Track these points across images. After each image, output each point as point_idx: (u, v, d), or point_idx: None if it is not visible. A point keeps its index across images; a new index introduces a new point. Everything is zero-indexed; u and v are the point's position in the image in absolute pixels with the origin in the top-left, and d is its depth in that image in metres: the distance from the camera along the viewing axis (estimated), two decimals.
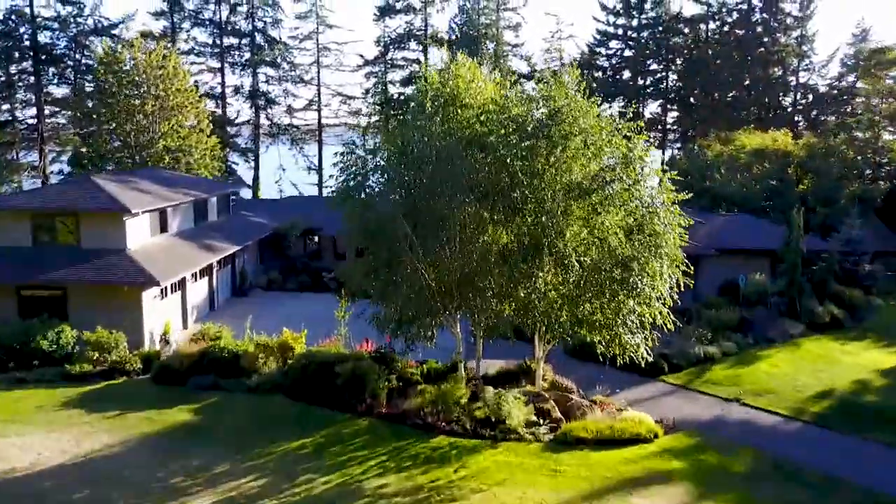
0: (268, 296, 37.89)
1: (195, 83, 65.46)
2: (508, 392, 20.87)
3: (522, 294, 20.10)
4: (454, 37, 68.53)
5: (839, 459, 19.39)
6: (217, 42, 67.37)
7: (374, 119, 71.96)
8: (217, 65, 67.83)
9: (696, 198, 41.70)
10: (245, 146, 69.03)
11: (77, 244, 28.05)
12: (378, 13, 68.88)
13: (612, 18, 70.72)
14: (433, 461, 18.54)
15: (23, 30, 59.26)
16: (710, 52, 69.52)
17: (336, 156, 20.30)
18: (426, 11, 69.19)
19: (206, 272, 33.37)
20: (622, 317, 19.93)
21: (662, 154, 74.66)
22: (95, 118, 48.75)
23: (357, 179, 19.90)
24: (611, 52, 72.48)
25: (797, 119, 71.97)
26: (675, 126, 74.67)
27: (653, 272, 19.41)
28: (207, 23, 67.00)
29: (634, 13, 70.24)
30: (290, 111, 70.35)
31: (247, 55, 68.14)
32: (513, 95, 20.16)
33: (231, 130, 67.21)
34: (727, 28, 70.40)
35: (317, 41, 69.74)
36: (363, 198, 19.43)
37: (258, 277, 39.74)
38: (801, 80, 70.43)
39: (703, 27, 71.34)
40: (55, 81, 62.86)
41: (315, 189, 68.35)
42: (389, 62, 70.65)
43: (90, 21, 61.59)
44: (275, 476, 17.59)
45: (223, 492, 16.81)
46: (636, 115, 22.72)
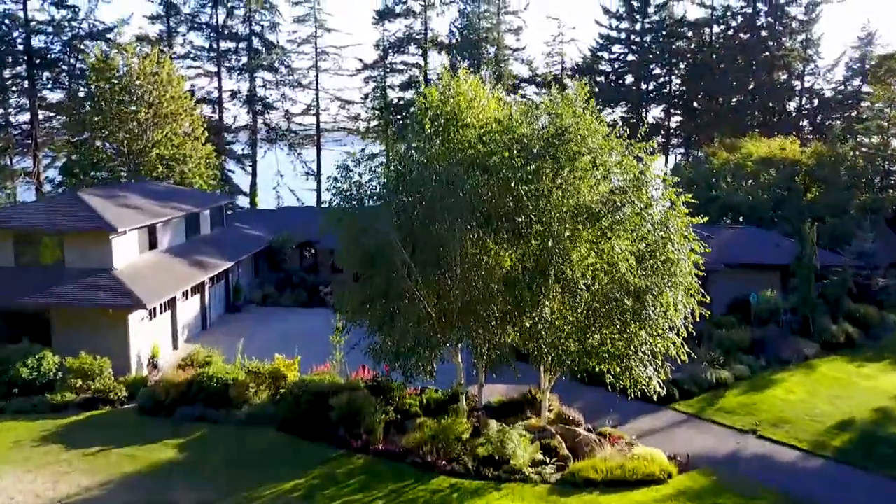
0: (262, 312, 36.73)
1: (191, 88, 64.39)
2: (513, 429, 19.71)
3: (528, 324, 18.95)
4: (454, 41, 67.49)
5: (865, 500, 18.27)
6: (214, 46, 66.12)
7: (374, 124, 71.01)
8: (214, 69, 66.54)
9: (703, 207, 40.48)
10: (242, 152, 67.82)
11: (61, 264, 26.90)
12: (377, 17, 67.80)
13: (615, 22, 69.54)
14: None
15: (16, 34, 58.02)
16: (714, 57, 68.35)
17: (329, 180, 19.16)
18: (426, 15, 68.07)
19: (198, 289, 32.16)
20: (633, 348, 18.79)
21: (665, 159, 73.60)
22: (88, 125, 47.54)
23: (352, 204, 18.66)
24: (613, 57, 71.30)
25: (802, 124, 70.96)
26: (679, 130, 73.46)
27: (666, 303, 18.27)
28: (204, 27, 65.72)
29: (637, 17, 68.98)
30: (288, 116, 69.23)
31: (244, 59, 66.90)
32: (517, 115, 18.91)
33: (228, 137, 65.97)
34: (731, 32, 69.31)
35: (315, 45, 68.60)
36: (358, 222, 18.19)
37: (253, 292, 38.54)
38: (807, 85, 69.38)
39: (707, 31, 70.15)
40: (49, 86, 61.77)
41: (313, 195, 67.25)
42: (389, 66, 69.59)
43: (85, 25, 60.49)
44: None
45: None
46: (644, 135, 21.53)
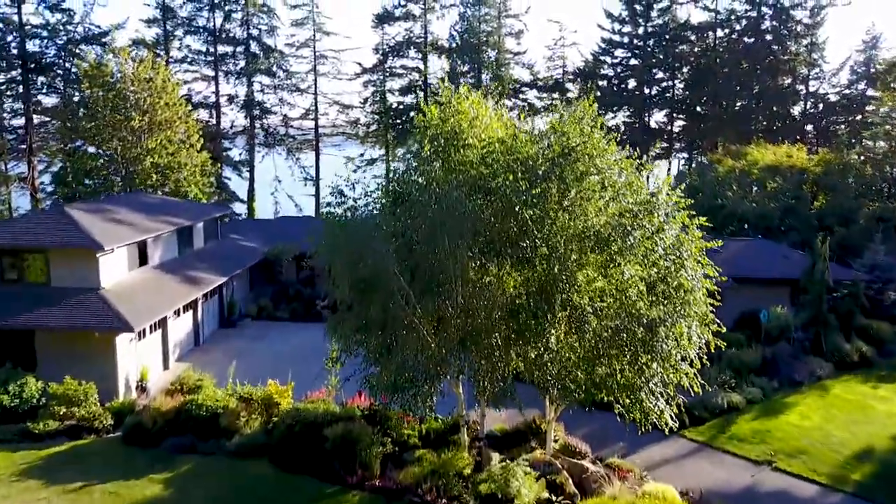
0: (258, 326, 35.73)
1: (188, 92, 63.51)
2: (517, 465, 18.65)
3: (533, 354, 17.95)
4: (455, 45, 66.54)
5: None
6: (211, 50, 65.15)
7: (373, 129, 70.08)
8: (211, 73, 65.58)
9: (709, 216, 39.44)
10: (240, 157, 66.83)
11: (47, 283, 25.89)
12: (376, 20, 66.87)
13: (618, 26, 68.57)
14: None
15: (11, 38, 57.03)
16: (718, 61, 67.40)
17: (323, 213, 18.17)
18: (426, 19, 67.13)
19: (191, 305, 31.14)
20: (645, 379, 17.80)
21: (668, 164, 72.62)
22: (80, 131, 46.49)
23: (346, 229, 17.55)
24: (616, 61, 70.29)
25: (807, 128, 70.00)
26: (682, 135, 72.44)
27: (680, 334, 17.27)
28: (201, 30, 64.75)
29: (640, 21, 67.99)
30: (286, 121, 68.25)
31: (241, 63, 65.88)
32: (521, 135, 17.88)
33: (225, 143, 64.93)
34: (735, 36, 68.33)
35: (314, 49, 67.58)
36: (353, 248, 17.16)
37: (248, 306, 37.53)
38: (811, 89, 68.45)
39: (711, 35, 69.18)
40: (44, 91, 60.84)
41: (312, 200, 66.23)
42: (388, 70, 68.69)
43: (80, 29, 59.53)
44: None
45: None
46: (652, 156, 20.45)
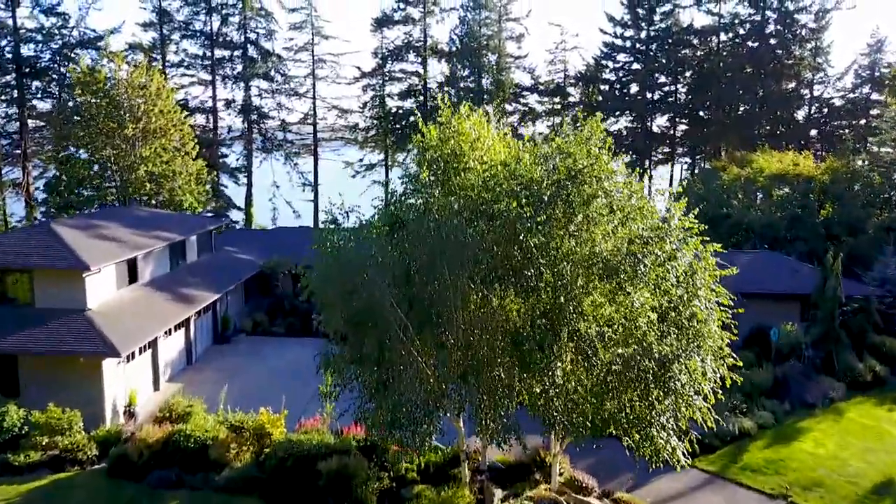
0: (252, 342, 34.76)
1: (185, 97, 62.58)
2: (521, 503, 17.77)
3: (538, 389, 16.99)
4: (454, 48, 65.60)
5: None
6: (208, 54, 64.21)
7: (372, 133, 69.16)
8: (208, 77, 64.64)
9: (715, 228, 38.51)
10: (237, 163, 65.77)
11: (31, 304, 24.90)
12: (375, 24, 65.96)
13: (620, 30, 67.57)
14: None
15: (5, 42, 56.11)
16: (721, 65, 66.45)
17: (314, 244, 17.22)
18: (425, 22, 66.20)
19: (183, 323, 30.14)
20: (656, 415, 16.85)
21: (671, 169, 71.66)
22: (73, 138, 45.48)
23: (339, 260, 16.58)
24: (618, 66, 69.29)
25: (811, 133, 69.06)
26: (684, 140, 71.47)
27: (694, 369, 16.33)
28: (198, 34, 63.79)
29: (643, 25, 66.99)
30: (284, 125, 67.31)
31: (239, 68, 64.91)
32: (526, 158, 16.88)
33: (222, 149, 63.92)
34: (739, 40, 67.38)
35: (312, 52, 66.59)
36: (346, 281, 16.18)
37: (242, 320, 36.52)
38: (816, 94, 67.53)
39: (714, 39, 68.24)
40: (39, 95, 59.93)
41: (311, 206, 65.28)
42: (387, 74, 67.74)
43: (75, 33, 58.61)
44: None
45: None
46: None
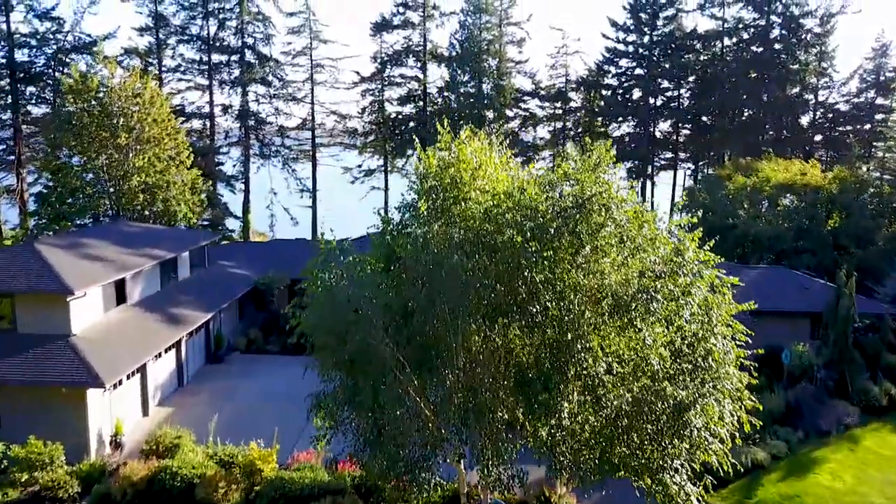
0: (246, 361, 33.76)
1: (182, 102, 61.65)
2: None
3: (544, 432, 15.98)
4: (454, 53, 64.68)
5: None
6: (205, 59, 63.18)
7: (371, 139, 68.23)
8: (205, 82, 63.61)
9: (721, 241, 37.49)
10: (234, 170, 64.69)
11: (13, 329, 23.91)
12: (374, 29, 65.11)
13: (623, 35, 66.63)
14: None
15: None
16: (725, 70, 65.48)
17: (309, 284, 16.27)
18: (425, 27, 65.39)
19: (174, 344, 29.13)
20: (668, 459, 15.85)
21: (674, 175, 70.63)
22: (66, 143, 44.41)
23: (332, 301, 15.58)
24: (620, 71, 68.38)
25: (815, 138, 68.10)
26: (688, 145, 70.49)
27: (711, 414, 15.34)
28: (195, 39, 62.82)
29: (646, 30, 66.10)
30: (282, 131, 66.34)
31: (236, 72, 63.97)
32: (530, 189, 15.85)
33: (218, 158, 62.86)
34: (743, 45, 66.43)
35: (310, 57, 65.68)
36: (338, 319, 15.20)
37: (236, 338, 35.48)
38: (820, 99, 66.55)
39: (718, 44, 67.30)
40: (33, 101, 58.96)
41: (309, 212, 64.27)
42: (387, 79, 66.98)
43: (70, 38, 57.66)
44: None
45: None
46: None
